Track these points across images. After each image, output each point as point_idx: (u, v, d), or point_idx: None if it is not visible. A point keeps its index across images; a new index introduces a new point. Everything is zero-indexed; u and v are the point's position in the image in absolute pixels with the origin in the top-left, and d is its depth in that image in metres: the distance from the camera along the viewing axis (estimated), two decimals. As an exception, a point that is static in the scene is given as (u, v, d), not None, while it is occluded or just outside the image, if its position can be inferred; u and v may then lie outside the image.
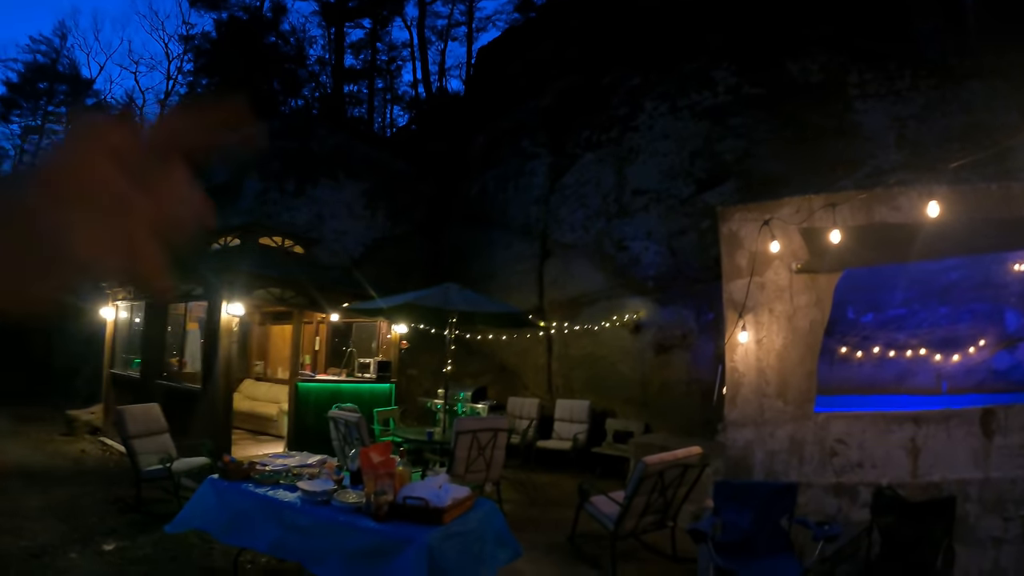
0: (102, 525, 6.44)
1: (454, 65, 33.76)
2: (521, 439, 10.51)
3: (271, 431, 11.92)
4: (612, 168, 12.48)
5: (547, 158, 14.02)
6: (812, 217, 5.39)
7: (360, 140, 19.17)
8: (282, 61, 29.97)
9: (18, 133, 35.89)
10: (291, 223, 14.92)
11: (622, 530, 5.52)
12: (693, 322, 10.50)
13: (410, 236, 16.27)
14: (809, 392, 5.36)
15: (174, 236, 0.47)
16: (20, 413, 13.19)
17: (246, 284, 9.46)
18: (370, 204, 16.18)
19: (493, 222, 14.44)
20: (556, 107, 14.58)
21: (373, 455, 4.19)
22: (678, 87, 12.07)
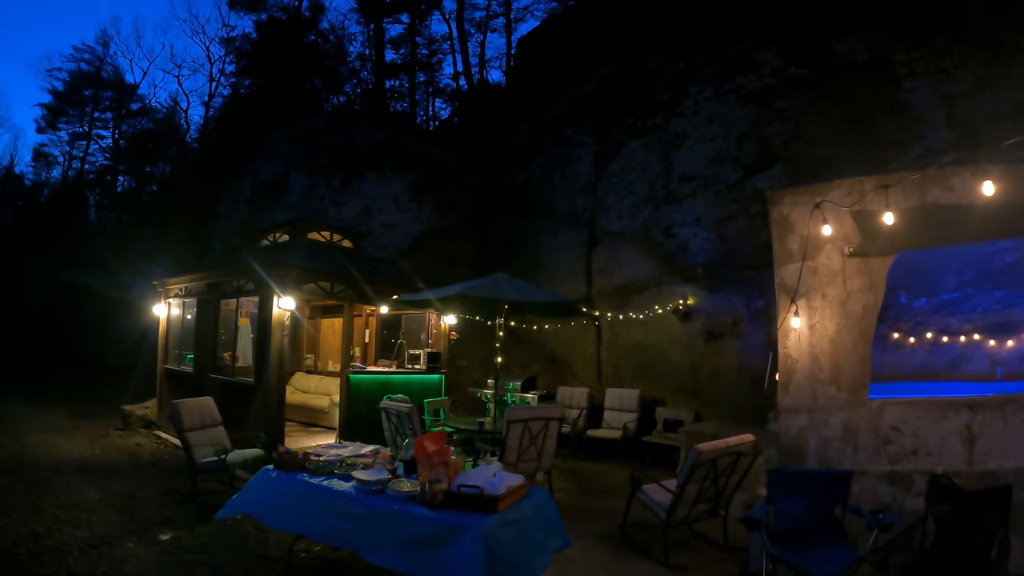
0: (158, 516, 6.61)
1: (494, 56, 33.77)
2: (571, 428, 10.55)
3: (322, 423, 12.15)
4: (658, 154, 12.38)
5: (592, 146, 13.97)
6: (864, 199, 5.30)
7: (404, 134, 19.33)
8: (323, 59, 30.33)
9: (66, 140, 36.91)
10: (338, 218, 15.14)
11: (674, 519, 5.52)
12: (743, 309, 10.38)
13: (457, 228, 16.38)
14: (863, 378, 5.28)
15: None
16: (76, 409, 13.65)
17: (296, 279, 9.64)
18: (416, 197, 16.33)
19: (540, 211, 14.45)
20: (599, 94, 14.50)
21: (427, 444, 4.23)
22: (722, 71, 11.90)
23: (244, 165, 19.36)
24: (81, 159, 36.32)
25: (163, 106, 37.93)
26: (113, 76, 37.50)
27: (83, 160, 36.29)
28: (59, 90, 36.70)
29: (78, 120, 36.63)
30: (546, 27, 20.07)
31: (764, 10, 12.05)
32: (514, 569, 3.79)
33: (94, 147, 36.49)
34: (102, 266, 22.09)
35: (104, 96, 36.98)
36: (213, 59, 36.17)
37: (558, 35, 18.03)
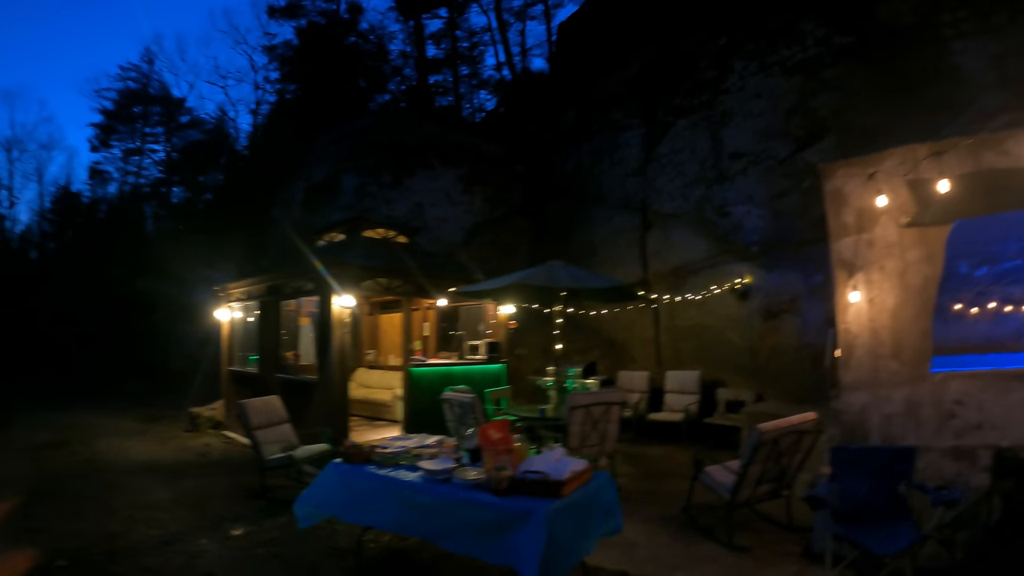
0: (229, 512, 6.83)
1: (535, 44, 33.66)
2: (632, 412, 10.56)
3: (385, 416, 12.38)
4: (707, 133, 12.26)
5: (640, 128, 13.89)
6: (917, 168, 5.18)
7: (451, 128, 19.51)
8: (364, 59, 30.64)
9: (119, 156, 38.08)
10: (391, 214, 15.38)
11: (738, 500, 5.53)
12: (801, 285, 10.24)
13: (509, 218, 16.48)
14: (925, 352, 5.19)
15: None
16: (144, 414, 14.18)
17: (355, 276, 9.83)
18: (467, 189, 16.47)
19: (591, 197, 14.45)
20: (644, 76, 14.38)
21: (492, 432, 4.30)
22: (766, 44, 11.67)
23: (295, 169, 19.77)
24: (135, 174, 37.57)
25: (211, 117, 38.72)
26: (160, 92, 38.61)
27: (137, 175, 37.53)
28: (109, 109, 37.94)
29: (130, 136, 37.84)
30: (585, 11, 19.90)
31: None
32: (567, 554, 3.88)
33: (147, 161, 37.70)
34: (163, 275, 22.85)
35: (153, 111, 38.12)
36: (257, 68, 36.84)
37: (598, 18, 17.88)
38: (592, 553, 4.37)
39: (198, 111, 40.60)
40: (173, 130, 37.53)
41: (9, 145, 41.42)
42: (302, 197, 18.25)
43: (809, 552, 5.09)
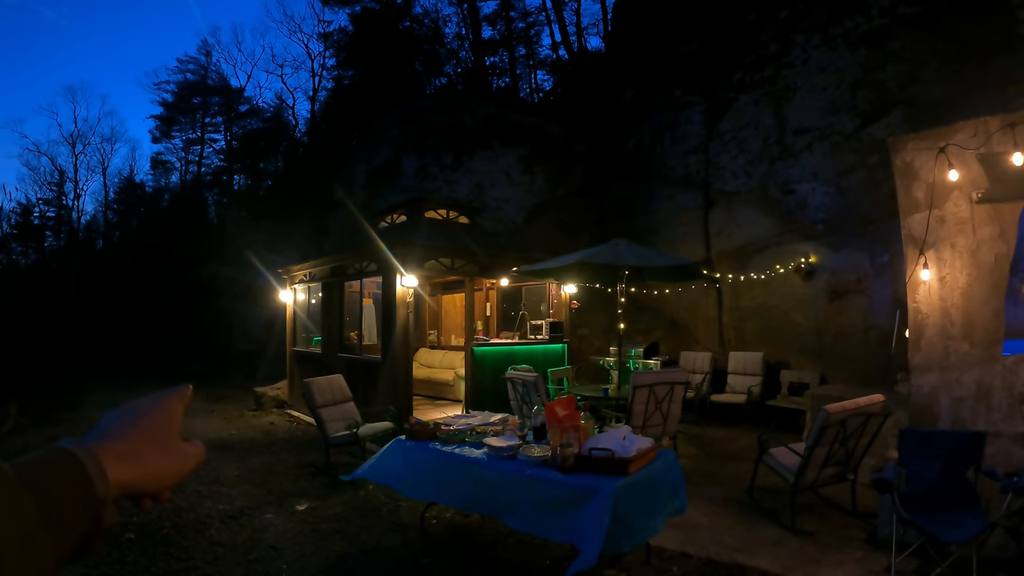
0: (294, 488, 7.07)
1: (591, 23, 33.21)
2: (695, 393, 10.53)
3: (448, 395, 12.60)
4: (770, 109, 12.00)
5: (701, 105, 13.67)
6: (990, 141, 5.03)
7: (509, 108, 19.47)
8: (420, 43, 30.76)
9: (180, 147, 39.24)
10: (452, 195, 15.50)
11: (802, 483, 5.48)
12: (868, 265, 10.00)
13: (571, 197, 16.44)
14: (996, 333, 5.05)
15: None
16: (211, 393, 14.67)
17: (418, 257, 9.97)
18: (528, 170, 16.47)
19: (652, 175, 14.32)
20: (703, 51, 14.13)
21: (558, 409, 4.34)
22: (829, 15, 11.31)
23: (356, 152, 20.07)
24: (197, 163, 38.85)
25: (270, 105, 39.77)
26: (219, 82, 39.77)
27: (199, 164, 38.77)
28: (169, 101, 39.33)
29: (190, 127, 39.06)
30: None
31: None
32: (632, 532, 3.92)
33: (208, 150, 38.92)
34: (227, 260, 23.51)
35: (212, 102, 39.24)
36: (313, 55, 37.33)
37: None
38: (659, 532, 4.41)
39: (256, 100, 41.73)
40: (232, 119, 38.55)
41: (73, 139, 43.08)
42: (363, 180, 18.53)
43: (874, 538, 5.04)
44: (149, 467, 0.75)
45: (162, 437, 0.78)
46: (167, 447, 0.78)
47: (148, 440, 0.76)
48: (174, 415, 0.81)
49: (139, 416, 0.78)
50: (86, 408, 13.25)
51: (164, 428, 0.79)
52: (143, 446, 0.75)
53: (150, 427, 0.77)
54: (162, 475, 0.76)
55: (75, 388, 16.93)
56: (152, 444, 0.76)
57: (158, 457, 0.76)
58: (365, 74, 30.49)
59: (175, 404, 0.82)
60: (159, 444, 0.77)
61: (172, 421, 0.81)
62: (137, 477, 0.73)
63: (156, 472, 0.75)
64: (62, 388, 17.17)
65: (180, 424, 0.82)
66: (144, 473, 0.74)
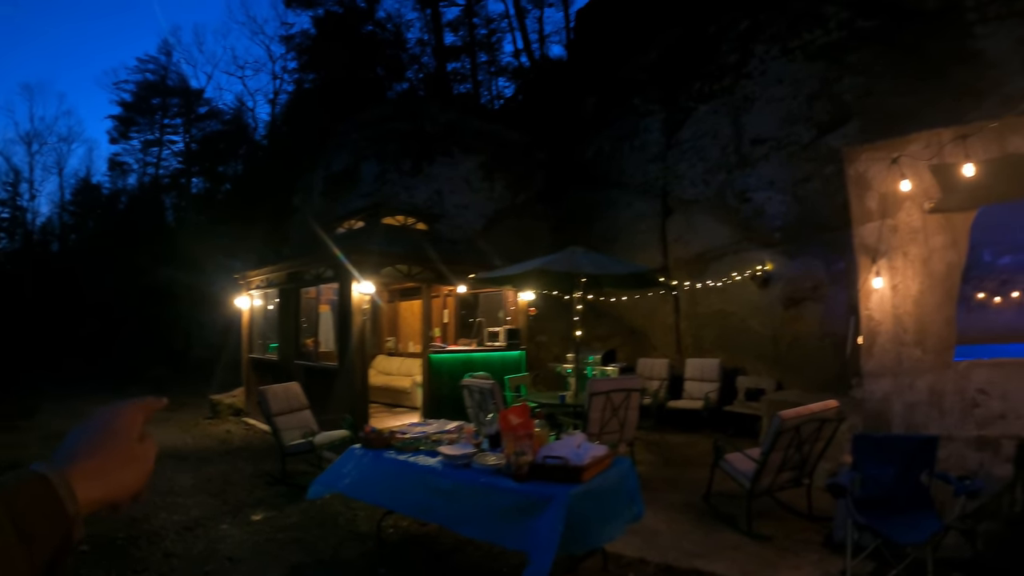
0: (250, 498, 6.94)
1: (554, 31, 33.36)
2: (652, 400, 10.54)
3: (405, 403, 12.46)
4: (728, 118, 12.14)
5: (660, 114, 13.78)
6: (942, 152, 5.12)
7: (470, 115, 19.43)
8: (382, 48, 30.60)
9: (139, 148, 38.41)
10: (411, 202, 15.37)
11: (758, 488, 5.51)
12: (823, 272, 10.14)
13: (530, 204, 16.41)
14: (948, 339, 5.13)
15: None
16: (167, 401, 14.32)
17: (374, 263, 9.87)
18: (487, 176, 16.41)
19: (612, 183, 14.37)
20: (664, 61, 14.26)
21: (512, 417, 4.28)
22: (788, 28, 11.50)
23: (315, 157, 19.82)
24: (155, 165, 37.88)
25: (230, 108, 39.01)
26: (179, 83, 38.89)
27: (157, 166, 37.85)
28: (128, 101, 38.31)
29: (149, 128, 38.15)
30: (605, -4, 19.77)
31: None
32: (587, 537, 3.89)
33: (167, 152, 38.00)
34: (184, 265, 23.09)
35: (172, 103, 38.39)
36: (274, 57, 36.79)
37: (617, 3, 17.74)
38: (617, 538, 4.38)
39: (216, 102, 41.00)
40: (192, 121, 37.80)
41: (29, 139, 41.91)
42: (322, 186, 18.31)
43: (830, 541, 5.07)
44: (114, 481, 0.79)
45: (124, 449, 0.82)
46: (129, 457, 0.82)
47: (112, 454, 0.80)
48: (135, 424, 0.85)
49: (102, 430, 0.82)
50: (43, 415, 12.89)
51: (126, 439, 0.82)
52: (107, 461, 0.79)
53: (113, 441, 0.81)
54: (126, 486, 0.80)
55: (33, 394, 16.45)
56: (116, 458, 0.80)
57: (122, 470, 0.80)
58: (326, 78, 30.22)
59: (136, 414, 0.86)
60: (122, 456, 0.81)
61: (132, 431, 0.84)
62: (104, 493, 0.77)
63: (121, 484, 0.80)
64: (19, 394, 16.66)
65: (140, 432, 0.86)
66: (110, 488, 0.78)
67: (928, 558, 4.09)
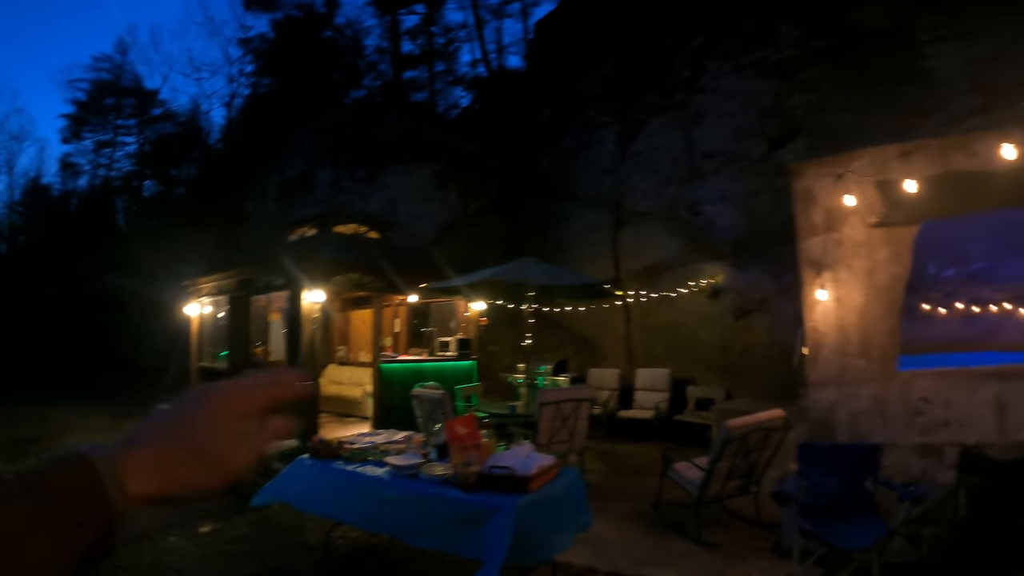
0: (198, 509, 6.70)
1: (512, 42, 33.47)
2: (603, 410, 10.57)
3: (356, 413, 12.27)
4: (681, 132, 12.31)
5: (614, 126, 13.92)
6: (886, 168, 5.25)
7: (426, 124, 19.37)
8: (340, 54, 30.38)
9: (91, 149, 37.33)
10: (365, 210, 15.24)
11: (706, 496, 5.54)
12: (772, 285, 10.31)
13: (484, 214, 16.39)
14: (892, 350, 5.24)
15: None
16: (116, 411, 13.88)
17: (325, 272, 9.74)
18: (441, 186, 16.36)
19: (565, 194, 14.45)
20: (619, 74, 14.42)
21: (459, 427, 4.26)
22: (741, 45, 11.77)
23: (269, 163, 19.54)
24: (107, 167, 36.79)
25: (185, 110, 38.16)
26: (133, 83, 37.85)
27: (109, 167, 36.72)
28: (81, 100, 37.23)
29: (102, 128, 37.05)
30: (563, 9, 19.94)
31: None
32: (536, 548, 3.86)
33: (119, 154, 36.84)
34: (135, 270, 22.46)
35: (126, 104, 37.34)
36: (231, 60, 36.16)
37: (575, 16, 17.91)
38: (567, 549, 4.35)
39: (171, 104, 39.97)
40: (146, 123, 36.85)
41: (-21, 136, 40.51)
42: (276, 192, 18.05)
43: (778, 548, 5.11)
44: (181, 476, 0.66)
45: (200, 443, 0.67)
46: (204, 454, 0.67)
47: (186, 445, 0.67)
48: (223, 414, 0.71)
49: (185, 414, 0.69)
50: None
51: (205, 432, 0.68)
52: (177, 452, 0.66)
53: (194, 428, 0.68)
54: (194, 483, 0.66)
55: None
56: (190, 449, 0.67)
57: (195, 464, 0.66)
58: (283, 83, 29.84)
59: (227, 401, 0.72)
60: (194, 451, 0.67)
61: (217, 422, 0.69)
62: (162, 489, 0.64)
63: (187, 480, 0.66)
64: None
65: (254, 416, 0.73)
66: (171, 483, 0.65)
67: (874, 563, 4.15)
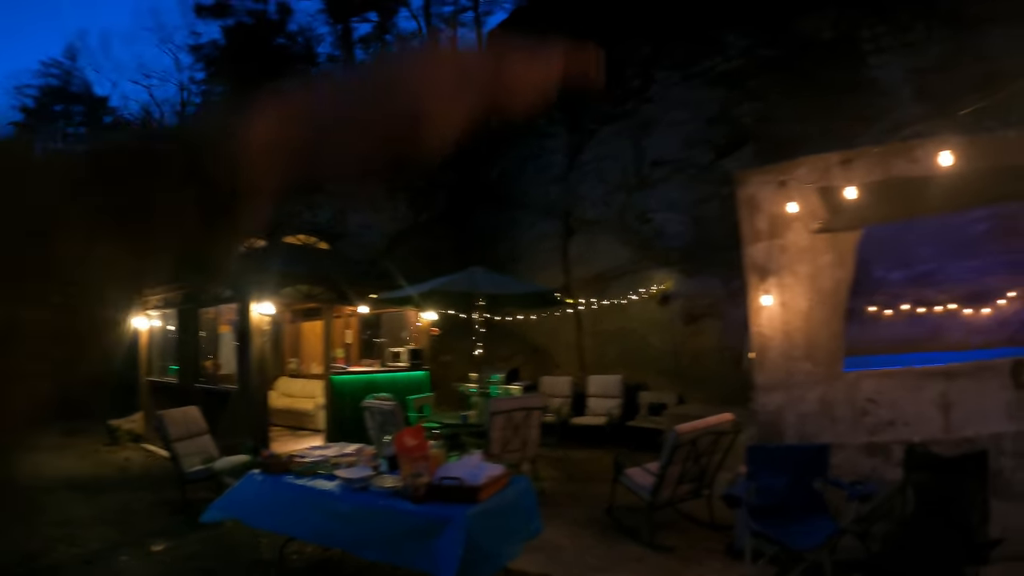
0: (151, 527, 6.61)
1: (466, 51, 33.55)
2: (556, 417, 10.58)
3: (309, 426, 12.08)
4: (630, 141, 12.44)
5: (564, 136, 14.00)
6: (828, 175, 5.35)
7: (378, 133, 19.22)
8: (293, 61, 30.04)
9: (39, 156, 36.40)
10: (314, 221, 15.07)
11: (659, 500, 5.57)
12: (721, 290, 10.45)
13: (434, 224, 16.32)
14: (837, 352, 5.34)
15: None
16: (63, 427, 13.48)
17: (274, 283, 9.60)
18: (391, 195, 16.25)
19: (515, 203, 14.46)
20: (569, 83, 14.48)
21: (407, 439, 4.25)
22: (690, 54, 11.95)
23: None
24: (66, 157, 35.88)
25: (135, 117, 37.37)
26: (83, 90, 36.99)
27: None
28: (29, 107, 36.21)
29: (50, 136, 36.14)
30: (515, 18, 20.04)
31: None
32: (488, 558, 3.84)
33: (69, 156, 36.04)
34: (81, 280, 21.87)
35: (75, 111, 36.52)
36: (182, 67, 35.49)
37: (527, 26, 17.99)
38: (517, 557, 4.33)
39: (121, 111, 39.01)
40: (96, 130, 36.05)
41: (-78, 142, 39.07)
42: (224, 202, 17.73)
43: (732, 549, 5.16)
44: None
45: None
46: None
47: None
48: None
49: None
50: None
51: None
52: None
53: None
54: None
55: None
56: None
57: None
58: (234, 90, 29.35)
59: None
60: None
61: None
62: None
63: None
64: None
65: None
66: None
67: (825, 561, 4.22)
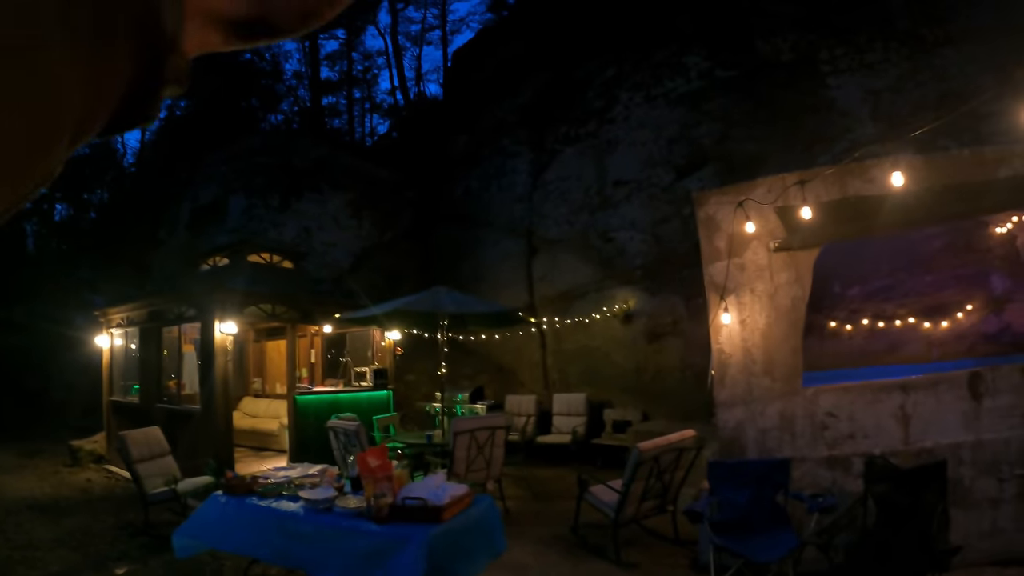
0: (113, 550, 6.49)
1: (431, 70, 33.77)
2: (521, 436, 10.57)
3: (273, 446, 11.94)
4: (592, 161, 12.57)
5: (528, 155, 14.09)
6: (785, 195, 5.46)
7: (342, 151, 19.19)
8: (258, 77, 29.90)
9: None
10: (278, 239, 14.93)
11: (623, 517, 5.59)
12: (683, 308, 10.58)
13: (398, 243, 16.29)
14: (796, 368, 5.43)
15: None
16: (23, 447, 13.17)
17: (238, 303, 9.52)
18: (356, 214, 16.19)
19: (479, 223, 14.50)
20: (534, 104, 14.65)
21: (370, 459, 4.23)
22: (651, 76, 12.16)
23: (182, 188, 18.93)
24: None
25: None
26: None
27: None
28: None
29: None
30: (481, 38, 20.20)
31: (690, 13, 12.35)
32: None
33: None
34: (43, 298, 21.35)
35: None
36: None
37: (493, 46, 18.13)
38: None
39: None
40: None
41: None
42: (188, 218, 17.45)
43: (696, 564, 5.19)
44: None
45: None
46: None
47: None
48: None
49: None
50: None
51: None
52: None
53: None
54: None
55: None
56: None
57: None
58: (199, 105, 29.10)
59: None
60: None
61: None
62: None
63: None
64: None
65: None
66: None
67: (789, 573, 4.28)
